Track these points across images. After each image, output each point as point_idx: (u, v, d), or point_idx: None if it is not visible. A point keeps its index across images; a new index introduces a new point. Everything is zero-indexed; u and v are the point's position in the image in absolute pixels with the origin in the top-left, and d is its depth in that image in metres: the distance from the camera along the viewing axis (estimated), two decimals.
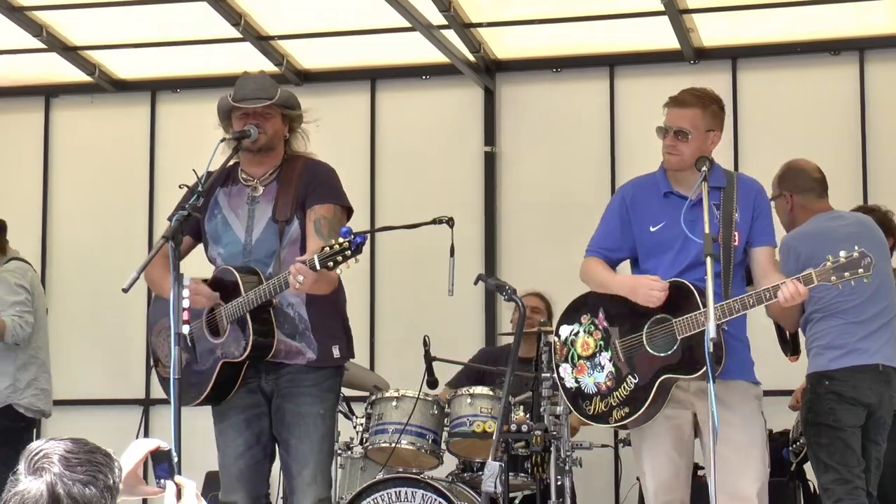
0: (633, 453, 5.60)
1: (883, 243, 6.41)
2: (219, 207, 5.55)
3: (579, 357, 5.48)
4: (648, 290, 5.27)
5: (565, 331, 5.55)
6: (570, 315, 5.58)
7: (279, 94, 5.50)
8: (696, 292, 5.19)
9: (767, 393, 5.84)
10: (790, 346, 6.63)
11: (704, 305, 5.04)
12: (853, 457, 6.11)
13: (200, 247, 5.70)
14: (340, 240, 4.95)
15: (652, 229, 5.44)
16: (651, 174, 5.58)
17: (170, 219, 5.59)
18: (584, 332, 5.49)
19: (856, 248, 5.08)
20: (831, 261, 5.05)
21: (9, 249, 7.89)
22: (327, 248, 4.96)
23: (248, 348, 5.36)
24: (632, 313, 5.38)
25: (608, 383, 5.39)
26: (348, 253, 4.92)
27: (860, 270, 5.01)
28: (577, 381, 5.47)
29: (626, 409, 5.33)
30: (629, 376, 5.34)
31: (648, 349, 5.31)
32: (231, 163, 5.45)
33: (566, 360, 5.51)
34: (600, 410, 5.40)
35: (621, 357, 5.37)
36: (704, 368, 4.98)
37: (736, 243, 5.35)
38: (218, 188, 5.54)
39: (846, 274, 5.02)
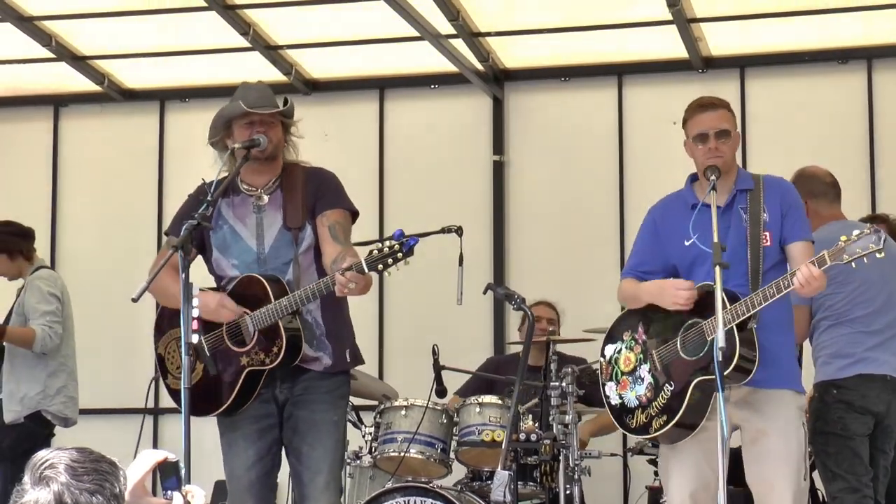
0: (660, 463, 5.55)
1: (894, 254, 6.38)
2: (223, 218, 5.54)
3: (622, 373, 5.44)
4: (675, 290, 5.21)
5: (609, 350, 5.53)
6: (613, 334, 5.55)
7: (289, 103, 5.54)
8: (721, 291, 5.02)
9: None
10: None
11: (731, 302, 4.99)
12: (861, 465, 6.09)
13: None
14: (390, 242, 4.95)
15: (686, 243, 5.36)
16: (676, 192, 5.53)
17: (167, 233, 5.61)
18: (626, 348, 5.46)
19: (866, 225, 5.02)
20: (843, 240, 4.94)
21: (35, 258, 7.91)
22: (375, 251, 4.95)
23: (282, 355, 5.31)
24: (667, 322, 5.33)
25: (647, 394, 5.34)
26: (399, 255, 4.93)
27: (871, 246, 4.89)
28: (620, 398, 5.44)
29: (664, 418, 5.26)
30: (666, 384, 5.29)
31: (682, 355, 5.25)
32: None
33: (611, 379, 5.48)
34: (641, 422, 5.35)
35: (658, 367, 5.32)
36: (734, 363, 4.97)
37: (767, 243, 5.27)
38: (219, 199, 5.54)
39: (858, 250, 4.90)
